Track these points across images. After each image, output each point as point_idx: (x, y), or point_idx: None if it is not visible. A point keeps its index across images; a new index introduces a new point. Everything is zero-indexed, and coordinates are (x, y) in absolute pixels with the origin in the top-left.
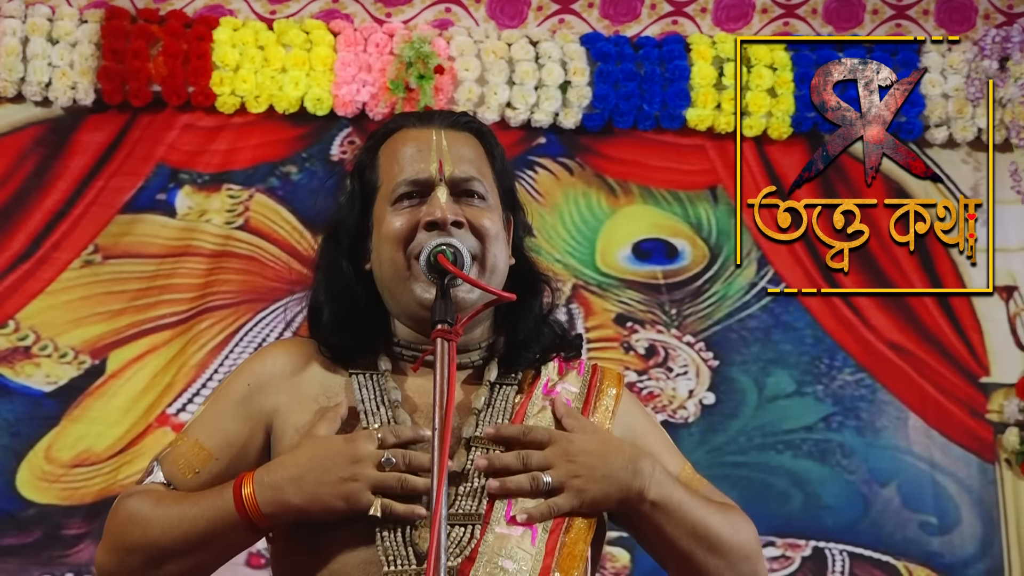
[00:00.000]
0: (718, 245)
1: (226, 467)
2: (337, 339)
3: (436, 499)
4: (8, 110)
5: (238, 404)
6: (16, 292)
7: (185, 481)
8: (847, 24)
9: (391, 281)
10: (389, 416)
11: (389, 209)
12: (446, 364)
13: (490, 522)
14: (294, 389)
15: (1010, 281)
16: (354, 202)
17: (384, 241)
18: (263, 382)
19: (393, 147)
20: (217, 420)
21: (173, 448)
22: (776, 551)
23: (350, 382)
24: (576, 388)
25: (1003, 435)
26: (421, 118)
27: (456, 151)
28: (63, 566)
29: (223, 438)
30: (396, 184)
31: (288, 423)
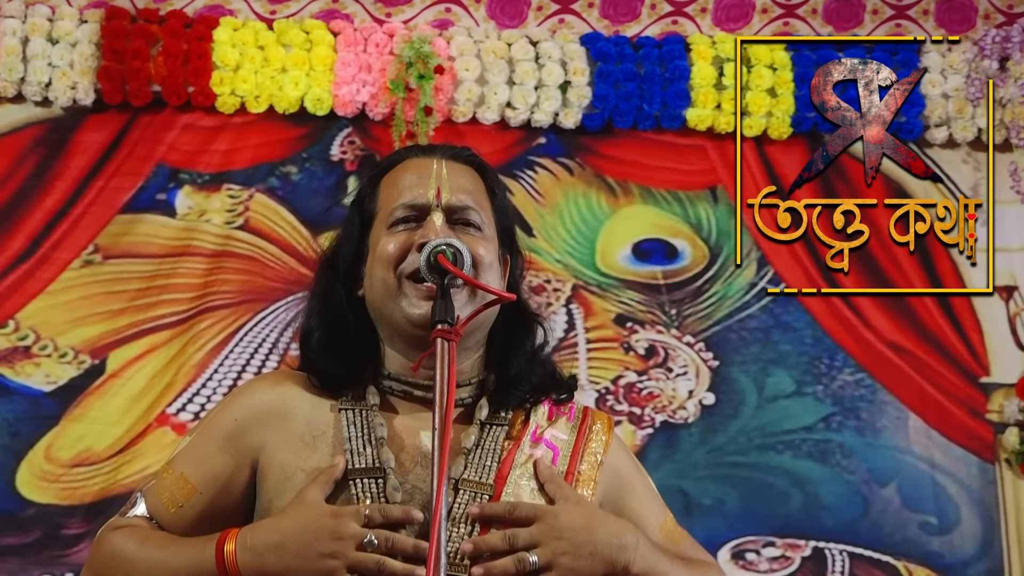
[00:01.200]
0: (718, 245)
1: (210, 501)
2: (325, 364)
3: (436, 499)
4: (8, 110)
5: (225, 439)
6: (16, 292)
7: (168, 515)
8: (847, 24)
9: (381, 301)
10: (375, 457)
11: (385, 232)
12: (446, 364)
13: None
14: (281, 425)
15: (1010, 281)
16: (352, 230)
17: (377, 262)
18: (250, 417)
19: (394, 176)
20: (203, 454)
21: (158, 480)
22: (776, 551)
23: (338, 417)
24: (565, 435)
25: (1003, 435)
26: (424, 149)
27: (456, 180)
28: (63, 566)
29: (208, 471)
30: (393, 208)
31: (274, 460)
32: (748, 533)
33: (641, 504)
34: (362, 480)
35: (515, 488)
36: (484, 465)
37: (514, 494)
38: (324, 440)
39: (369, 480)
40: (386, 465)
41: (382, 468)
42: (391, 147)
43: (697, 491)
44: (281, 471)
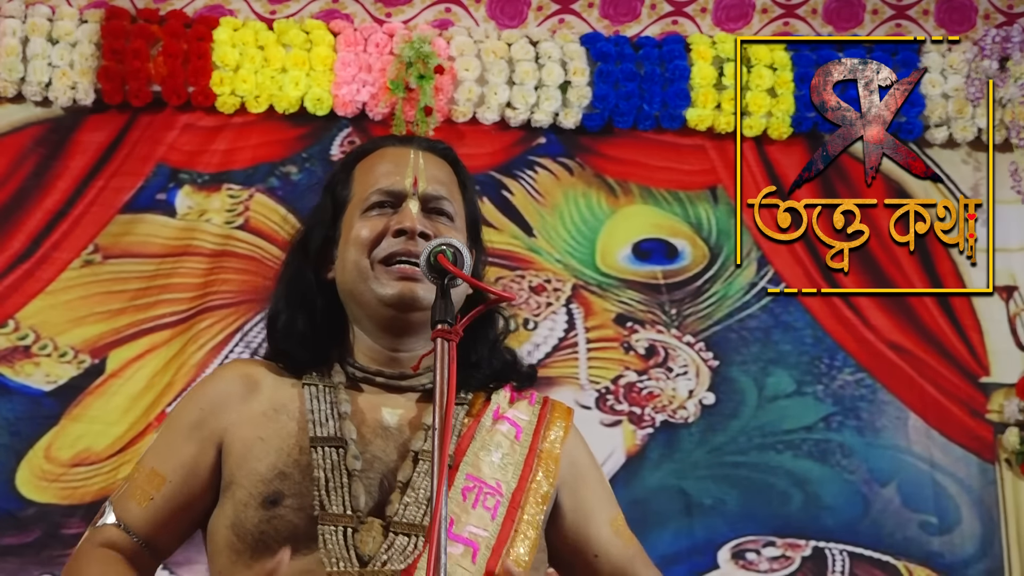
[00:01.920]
0: (718, 245)
1: (179, 488)
2: (291, 346)
3: (436, 498)
4: (8, 110)
5: (191, 428)
6: (16, 292)
7: (141, 511)
8: (847, 24)
9: (353, 283)
10: (336, 428)
11: (359, 216)
12: (446, 364)
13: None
14: (243, 406)
15: (1010, 281)
16: (324, 214)
17: (351, 245)
18: (215, 404)
19: (370, 163)
20: (170, 446)
21: (129, 484)
22: (776, 551)
23: (302, 392)
24: (526, 416)
25: (1003, 435)
26: (401, 140)
27: (431, 171)
28: (62, 566)
29: (176, 460)
30: (369, 193)
31: (236, 438)
32: (748, 533)
33: (595, 496)
34: (323, 448)
35: (474, 460)
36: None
37: (473, 465)
38: (286, 412)
39: (330, 448)
40: (347, 436)
41: (343, 439)
42: None
43: (697, 491)
44: (242, 444)
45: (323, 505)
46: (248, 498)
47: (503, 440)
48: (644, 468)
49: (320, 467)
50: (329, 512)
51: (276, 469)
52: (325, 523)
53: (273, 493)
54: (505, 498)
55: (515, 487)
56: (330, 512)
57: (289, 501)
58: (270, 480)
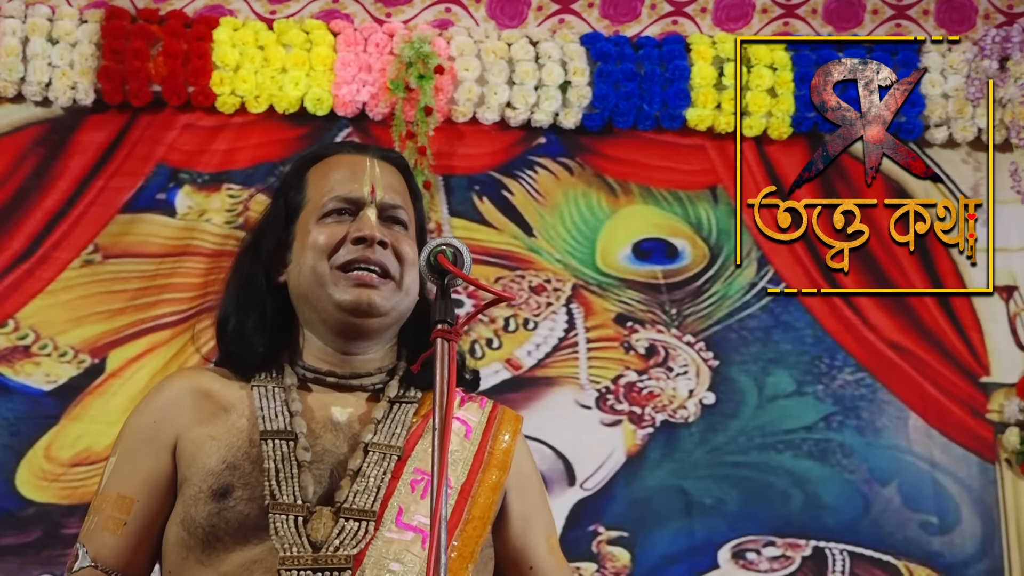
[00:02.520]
0: (718, 245)
1: (148, 504)
2: (240, 349)
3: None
4: (8, 110)
5: (146, 442)
6: (16, 291)
7: (116, 539)
8: (847, 24)
9: (309, 287)
10: (287, 423)
11: (315, 223)
12: (446, 364)
13: (382, 524)
14: (192, 411)
15: (1010, 281)
16: (276, 218)
17: (308, 250)
18: (164, 413)
19: (325, 169)
20: (130, 466)
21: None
22: (776, 551)
23: (251, 393)
24: (476, 418)
25: (1003, 435)
26: (356, 147)
27: (387, 180)
28: (62, 565)
29: (139, 479)
30: (326, 200)
31: (188, 439)
32: (748, 533)
33: (535, 508)
34: (273, 440)
35: (423, 455)
36: (393, 432)
37: (422, 460)
38: (235, 411)
39: (280, 440)
40: (297, 430)
41: (293, 432)
42: (391, 147)
43: (697, 490)
44: (193, 445)
45: (273, 495)
46: (197, 492)
47: (453, 437)
48: (644, 468)
49: (270, 458)
50: (280, 501)
51: (225, 462)
52: (276, 512)
53: (223, 486)
54: (454, 490)
55: (464, 480)
56: (280, 501)
57: (239, 492)
58: (219, 473)
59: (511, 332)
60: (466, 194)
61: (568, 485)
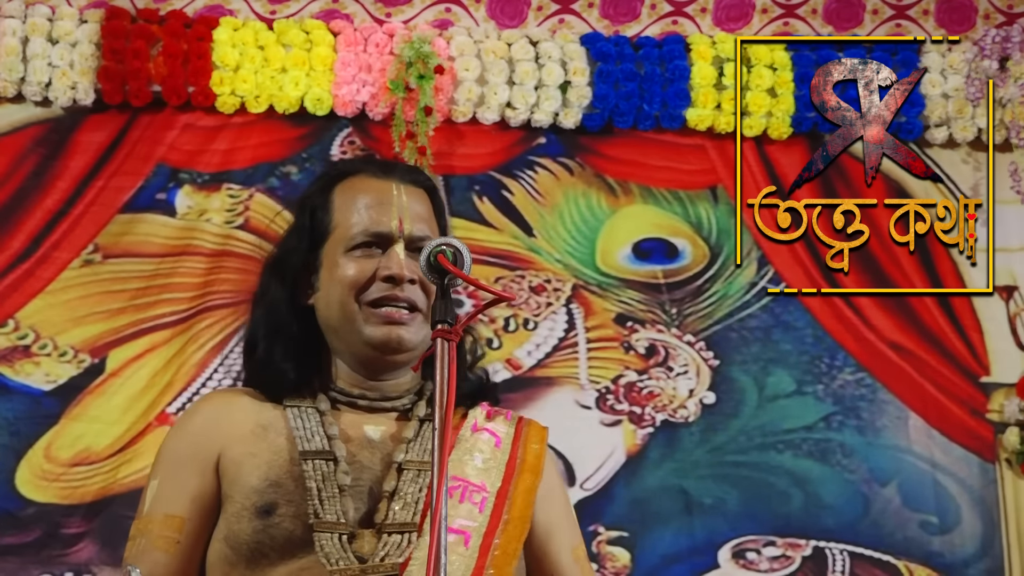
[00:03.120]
0: (718, 245)
1: (197, 522)
2: (269, 374)
3: (436, 498)
4: (8, 110)
5: (188, 462)
6: (16, 291)
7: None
8: (847, 24)
9: (338, 322)
10: (324, 445)
11: (343, 254)
12: (446, 364)
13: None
14: (231, 430)
15: (1010, 281)
16: (302, 238)
17: (337, 284)
18: (202, 433)
19: (352, 192)
20: (174, 486)
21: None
22: (776, 551)
23: (285, 413)
24: (504, 429)
25: (1003, 435)
26: (382, 168)
27: (414, 209)
28: (62, 565)
29: (186, 498)
30: (355, 233)
31: (230, 460)
32: (748, 532)
33: (561, 518)
34: (313, 460)
35: (458, 464)
36: (425, 449)
37: (457, 468)
38: (273, 430)
39: (320, 461)
40: (337, 452)
41: (332, 453)
42: (391, 147)
43: (697, 490)
44: (234, 462)
45: (317, 514)
46: (241, 510)
47: (484, 447)
48: (644, 468)
49: (311, 477)
50: (324, 520)
51: (268, 480)
52: (321, 530)
53: (267, 503)
54: (491, 494)
55: (499, 486)
56: (325, 520)
57: (283, 509)
58: (263, 490)
59: (511, 332)
60: (466, 194)
61: (568, 485)
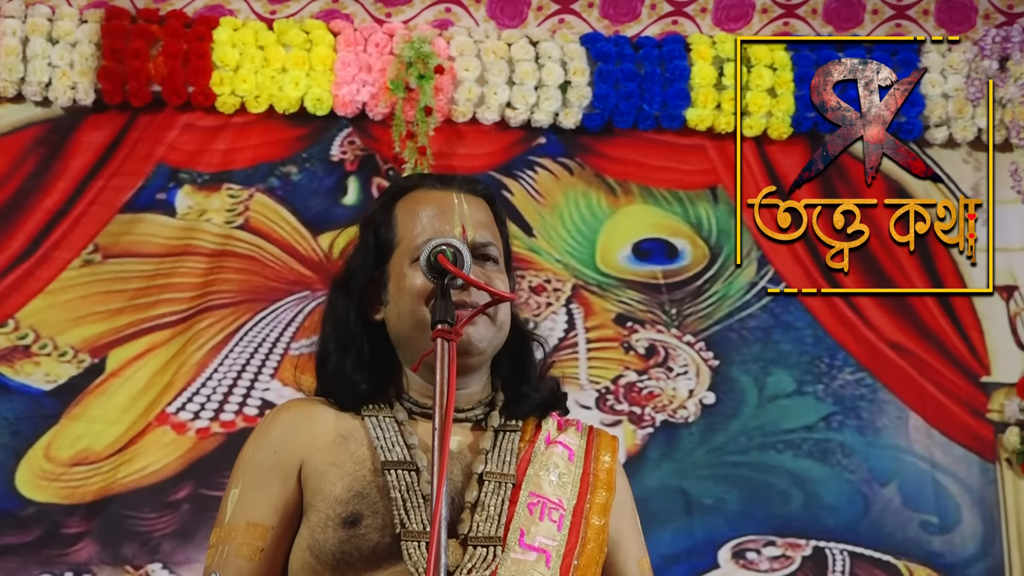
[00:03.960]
0: (718, 245)
1: (282, 530)
2: (341, 386)
3: (436, 499)
4: (8, 110)
5: (270, 471)
6: (16, 291)
7: (253, 565)
8: (847, 24)
9: (410, 331)
10: (405, 455)
11: (409, 265)
12: (446, 364)
13: (507, 547)
14: (312, 440)
15: (1010, 281)
16: (368, 255)
17: (407, 295)
18: (284, 442)
19: (413, 206)
20: (257, 495)
21: (226, 546)
22: (776, 551)
23: (364, 423)
24: (576, 441)
25: (1004, 435)
26: (442, 181)
27: (476, 216)
28: (62, 565)
29: (269, 507)
30: (420, 243)
31: (311, 468)
32: (749, 532)
33: (630, 530)
34: (396, 471)
35: (535, 479)
36: (504, 460)
37: (535, 484)
38: (353, 440)
39: (403, 471)
40: (419, 463)
41: (415, 463)
42: (391, 147)
43: (697, 490)
44: (317, 473)
45: (403, 523)
46: (326, 520)
47: (559, 460)
48: (644, 468)
49: (395, 487)
50: (410, 529)
51: (353, 490)
52: (408, 539)
53: (352, 514)
54: (568, 512)
55: (575, 502)
56: (411, 529)
57: (368, 520)
58: (348, 501)
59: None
60: None
61: None
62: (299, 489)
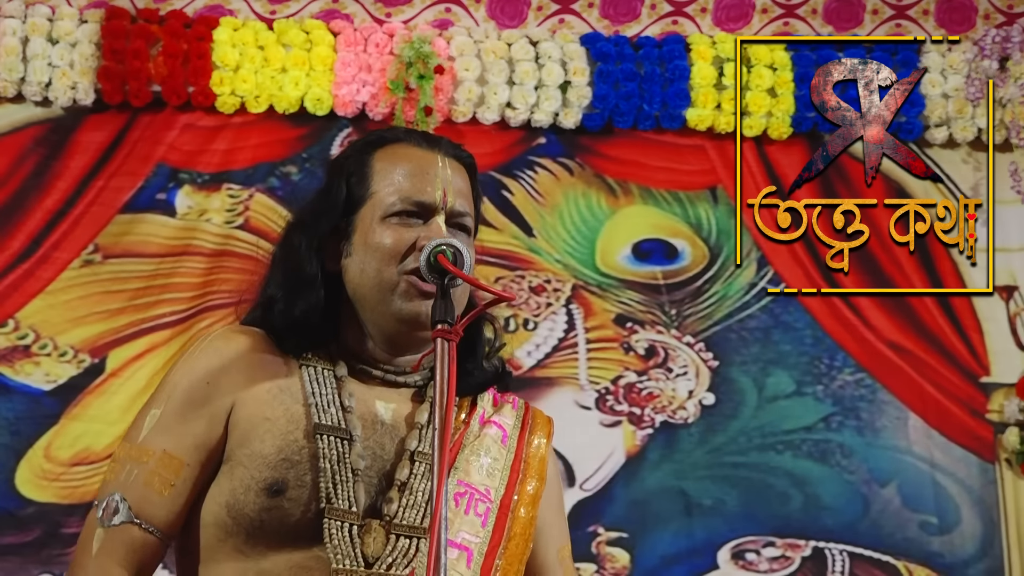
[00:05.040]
0: (718, 245)
1: (196, 468)
2: (289, 331)
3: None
4: (8, 110)
5: (199, 405)
6: (16, 291)
7: (161, 499)
8: (847, 24)
9: (373, 291)
10: (339, 419)
11: (380, 221)
12: (446, 364)
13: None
14: (246, 382)
15: (1010, 281)
16: (336, 201)
17: (374, 252)
18: (219, 377)
19: (394, 159)
20: (180, 426)
21: (138, 469)
22: (776, 551)
23: (301, 374)
24: (511, 421)
25: (1003, 435)
26: (427, 140)
27: (456, 183)
28: (62, 565)
29: (190, 442)
30: (396, 199)
31: (243, 416)
32: (748, 533)
33: (552, 517)
34: (328, 437)
35: (465, 465)
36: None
37: (464, 470)
38: (289, 393)
39: (335, 439)
40: (353, 431)
41: (348, 432)
42: None
43: (697, 491)
44: (247, 422)
45: (329, 498)
46: (250, 481)
47: (492, 445)
48: (644, 469)
49: (326, 457)
50: (335, 507)
51: (282, 455)
52: (331, 517)
53: (277, 481)
54: (495, 504)
55: (503, 494)
56: (336, 507)
57: (292, 492)
58: (275, 465)
59: (511, 332)
60: None
61: (568, 486)
62: (224, 433)
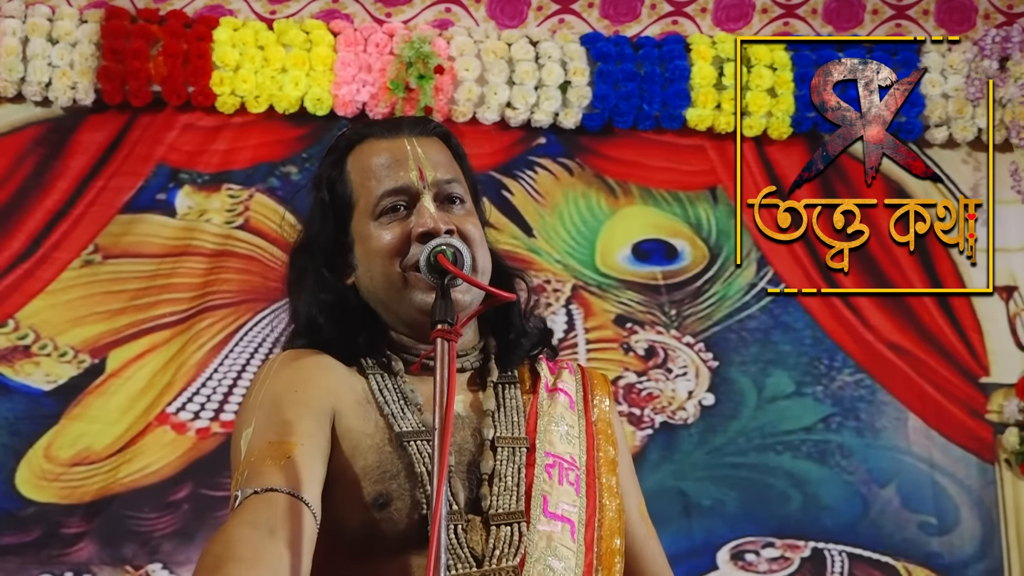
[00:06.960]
0: (718, 245)
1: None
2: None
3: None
4: (8, 110)
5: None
6: (16, 291)
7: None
8: (847, 24)
9: (386, 293)
10: (417, 422)
11: (373, 224)
12: (446, 364)
13: (532, 519)
14: (339, 389)
15: (1010, 281)
16: (327, 217)
17: (375, 255)
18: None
19: (364, 159)
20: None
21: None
22: (775, 552)
23: (368, 383)
24: (572, 386)
25: (1003, 435)
26: (388, 127)
27: (432, 157)
28: (62, 565)
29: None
30: (377, 197)
31: (347, 428)
32: (748, 534)
33: (626, 476)
34: (415, 442)
35: (547, 435)
36: (512, 421)
37: (548, 442)
38: (370, 404)
39: (422, 442)
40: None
41: (429, 431)
42: None
43: (696, 492)
44: (350, 438)
45: (430, 503)
46: (355, 497)
47: (564, 412)
48: (643, 469)
49: (419, 461)
50: None
51: (382, 468)
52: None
53: (381, 494)
54: (582, 471)
55: (586, 459)
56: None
57: (397, 503)
58: (377, 479)
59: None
60: None
61: None
62: (331, 434)
